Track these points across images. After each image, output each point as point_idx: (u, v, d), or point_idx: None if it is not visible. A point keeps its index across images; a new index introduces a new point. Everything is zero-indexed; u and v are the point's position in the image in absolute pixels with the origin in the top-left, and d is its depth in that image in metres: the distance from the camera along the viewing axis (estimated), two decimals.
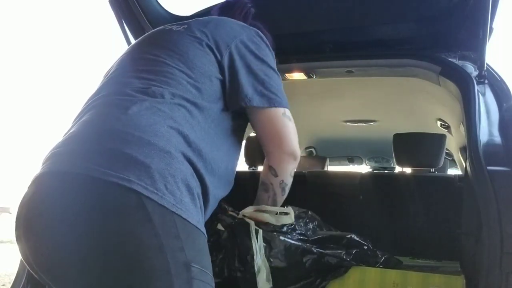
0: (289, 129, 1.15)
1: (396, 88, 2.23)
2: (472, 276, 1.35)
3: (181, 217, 0.86)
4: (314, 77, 1.93)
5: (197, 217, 0.91)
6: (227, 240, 1.31)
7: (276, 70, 1.17)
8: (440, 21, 1.65)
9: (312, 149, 3.77)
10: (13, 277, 1.51)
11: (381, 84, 2.17)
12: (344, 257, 1.42)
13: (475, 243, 1.33)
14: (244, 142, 2.54)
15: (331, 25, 1.80)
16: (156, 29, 1.22)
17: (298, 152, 1.19)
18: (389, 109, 2.69)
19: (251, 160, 2.49)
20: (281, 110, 1.13)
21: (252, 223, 1.28)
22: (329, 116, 2.91)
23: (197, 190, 0.93)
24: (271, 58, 1.17)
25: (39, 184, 0.91)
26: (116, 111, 0.94)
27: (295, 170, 1.24)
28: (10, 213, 8.49)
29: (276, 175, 1.22)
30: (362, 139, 3.45)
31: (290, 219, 1.34)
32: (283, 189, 1.25)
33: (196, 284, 0.86)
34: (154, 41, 1.15)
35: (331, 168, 3.87)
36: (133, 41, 1.91)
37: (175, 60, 1.04)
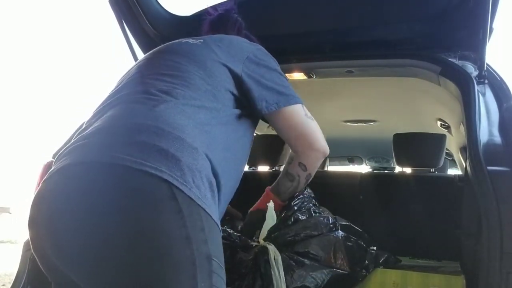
0: (314, 127, 1.24)
1: (396, 88, 2.23)
2: (472, 276, 1.35)
3: (205, 211, 0.89)
4: (314, 77, 1.93)
5: (216, 214, 0.94)
6: (250, 269, 1.34)
7: (284, 74, 1.24)
8: (440, 21, 1.66)
9: None
10: (13, 277, 1.51)
11: (381, 84, 2.17)
12: (363, 271, 1.43)
13: (475, 243, 1.33)
14: None
15: (331, 25, 1.80)
16: (172, 41, 1.26)
17: (327, 148, 1.27)
18: (389, 109, 2.69)
19: (251, 160, 2.49)
20: (299, 106, 1.20)
21: (271, 249, 1.32)
22: (329, 116, 2.91)
23: (216, 188, 0.97)
24: (277, 66, 1.24)
25: (63, 175, 0.92)
26: (143, 107, 0.98)
27: None
28: (10, 213, 8.50)
29: (305, 170, 1.30)
30: (362, 139, 3.44)
31: (272, 220, 1.36)
32: (307, 181, 1.34)
33: (215, 278, 0.88)
34: (174, 50, 1.19)
35: (331, 168, 3.88)
36: (133, 41, 1.91)
37: (195, 68, 1.10)
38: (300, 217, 1.40)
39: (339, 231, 1.43)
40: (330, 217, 1.44)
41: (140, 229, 0.84)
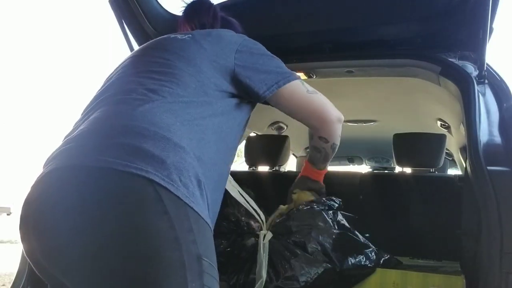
0: (320, 100, 1.25)
1: (396, 88, 2.23)
2: (472, 276, 1.35)
3: (193, 209, 0.88)
4: (314, 77, 1.93)
5: (206, 212, 0.93)
6: (251, 254, 1.40)
7: (275, 56, 1.23)
8: (440, 21, 1.65)
9: None
10: (13, 277, 1.51)
11: (381, 84, 2.17)
12: (365, 263, 1.44)
13: (475, 243, 1.33)
14: (244, 142, 2.55)
15: (331, 25, 1.80)
16: (160, 37, 1.26)
17: (340, 115, 1.29)
18: (389, 109, 2.69)
19: (251, 160, 2.49)
20: (298, 82, 1.21)
21: (262, 233, 1.39)
22: None
23: (206, 186, 0.96)
24: (267, 50, 1.23)
25: (49, 179, 0.91)
26: (129, 108, 0.97)
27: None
28: (10, 213, 8.50)
29: (327, 142, 1.35)
30: (362, 139, 3.44)
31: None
32: (334, 150, 1.38)
33: (206, 278, 0.88)
34: (162, 47, 1.18)
35: (331, 168, 3.87)
36: (133, 41, 1.91)
37: (184, 65, 1.09)
38: (303, 210, 1.43)
39: (337, 229, 1.44)
40: (332, 213, 1.47)
41: (127, 231, 0.83)
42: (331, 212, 1.48)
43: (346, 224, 1.50)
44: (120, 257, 0.83)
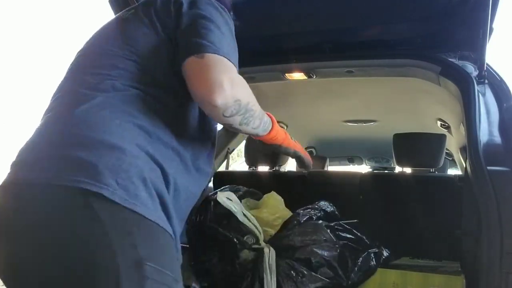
0: (216, 76, 0.89)
1: (396, 88, 2.23)
2: (472, 276, 1.35)
3: (135, 212, 0.83)
4: (314, 77, 1.93)
5: (157, 213, 0.88)
6: (250, 271, 1.36)
7: (224, 30, 1.00)
8: (440, 21, 1.65)
9: (312, 149, 3.77)
10: None
11: (381, 84, 2.17)
12: (369, 269, 1.45)
13: (475, 243, 1.33)
14: (244, 142, 2.54)
15: (331, 25, 1.80)
16: (106, 22, 1.18)
17: (218, 98, 0.88)
18: (389, 109, 2.69)
19: (251, 160, 2.49)
20: (195, 58, 0.92)
21: (266, 253, 1.33)
22: (329, 116, 2.91)
23: (158, 184, 0.90)
24: (220, 20, 1.02)
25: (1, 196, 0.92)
26: (66, 112, 0.94)
27: (233, 111, 0.93)
28: None
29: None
30: (362, 139, 3.45)
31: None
32: (238, 129, 0.99)
33: (149, 284, 0.81)
34: (104, 35, 1.12)
35: (331, 168, 3.88)
36: None
37: (125, 51, 1.01)
38: (302, 223, 1.41)
39: (340, 240, 1.44)
40: (332, 225, 1.44)
41: (63, 245, 0.81)
42: (330, 223, 1.47)
43: (347, 234, 1.50)
44: (56, 271, 0.81)
